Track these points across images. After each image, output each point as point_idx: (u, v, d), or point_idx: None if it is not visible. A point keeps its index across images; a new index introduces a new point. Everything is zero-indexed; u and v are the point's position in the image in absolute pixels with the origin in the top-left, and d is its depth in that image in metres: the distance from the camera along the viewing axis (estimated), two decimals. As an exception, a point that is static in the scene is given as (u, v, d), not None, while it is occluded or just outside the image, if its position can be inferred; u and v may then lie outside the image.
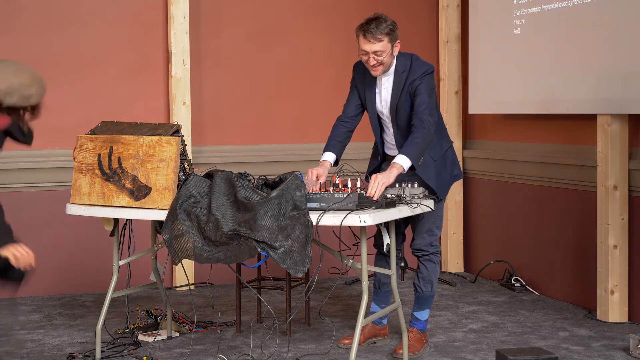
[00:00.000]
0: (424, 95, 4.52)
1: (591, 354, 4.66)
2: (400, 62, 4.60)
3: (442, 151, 4.71)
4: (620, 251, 5.27)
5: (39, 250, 6.15)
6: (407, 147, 4.43)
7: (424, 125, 4.46)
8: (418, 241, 4.74)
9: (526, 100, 5.95)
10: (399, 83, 4.58)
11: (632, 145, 5.27)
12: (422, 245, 4.73)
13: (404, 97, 4.58)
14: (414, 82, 4.55)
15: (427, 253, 4.74)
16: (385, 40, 4.46)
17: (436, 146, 4.67)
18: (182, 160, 4.49)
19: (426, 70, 4.57)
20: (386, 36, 4.46)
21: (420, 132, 4.45)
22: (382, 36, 4.45)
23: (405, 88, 4.56)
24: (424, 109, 4.50)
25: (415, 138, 4.44)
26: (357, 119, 4.77)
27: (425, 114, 4.48)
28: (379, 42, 4.46)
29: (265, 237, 4.07)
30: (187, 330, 5.12)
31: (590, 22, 5.33)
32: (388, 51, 4.49)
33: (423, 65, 4.59)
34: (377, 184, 4.23)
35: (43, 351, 4.81)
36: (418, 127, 4.46)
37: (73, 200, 4.62)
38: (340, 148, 4.72)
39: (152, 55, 6.37)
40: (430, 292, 4.76)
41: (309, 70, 6.67)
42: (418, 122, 4.47)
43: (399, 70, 4.58)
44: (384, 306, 4.80)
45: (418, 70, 4.57)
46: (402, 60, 4.60)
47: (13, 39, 6.12)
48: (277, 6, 6.64)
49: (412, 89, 4.55)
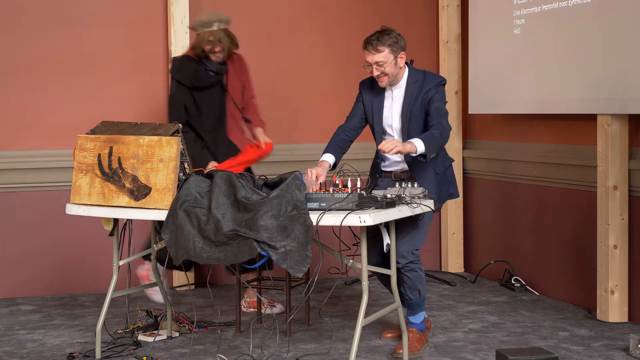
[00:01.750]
0: (440, 103, 4.66)
1: (591, 354, 4.66)
2: (412, 75, 4.73)
3: (445, 167, 4.81)
4: (620, 251, 5.27)
5: (39, 250, 6.20)
6: (425, 136, 4.51)
7: (444, 125, 4.56)
8: (399, 247, 4.64)
9: (526, 100, 5.95)
10: (412, 92, 4.69)
11: (632, 145, 5.27)
12: (404, 251, 4.63)
13: (418, 106, 4.69)
14: (430, 91, 4.67)
15: (407, 260, 4.66)
16: (386, 51, 4.59)
17: (439, 161, 4.76)
18: (182, 160, 4.50)
19: (440, 81, 4.72)
20: (387, 47, 4.59)
21: (439, 129, 4.54)
22: (383, 47, 4.59)
23: (420, 97, 4.68)
24: (443, 114, 4.62)
25: (434, 132, 4.53)
26: (357, 132, 4.88)
27: (444, 119, 4.60)
28: (380, 53, 4.59)
29: (265, 237, 4.07)
30: (187, 330, 5.12)
31: (590, 22, 5.33)
32: (390, 62, 4.61)
33: (436, 76, 4.75)
34: (392, 144, 4.32)
35: (43, 351, 4.81)
36: (437, 126, 4.56)
37: (73, 200, 4.62)
38: (340, 153, 4.79)
39: (152, 55, 6.37)
40: (419, 297, 4.75)
41: (308, 70, 6.67)
42: (437, 124, 4.57)
43: (412, 81, 4.72)
44: None
45: (432, 81, 4.71)
46: (414, 73, 4.75)
47: (13, 39, 6.13)
48: (277, 6, 6.64)
49: (427, 97, 4.67)
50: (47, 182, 6.16)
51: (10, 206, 6.14)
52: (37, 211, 6.16)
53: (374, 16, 6.63)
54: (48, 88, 6.23)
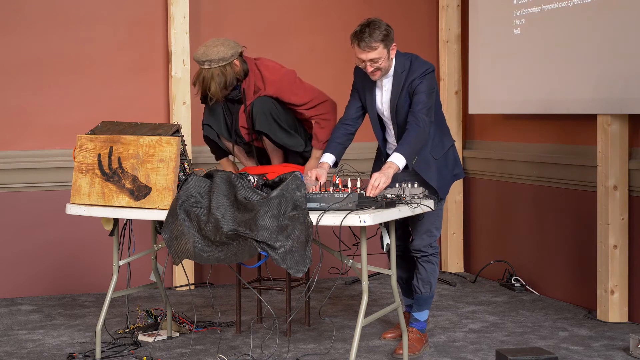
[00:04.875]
0: (422, 95, 4.53)
1: (591, 354, 4.66)
2: (400, 63, 4.61)
3: (444, 150, 4.71)
4: (620, 251, 5.27)
5: (39, 250, 6.20)
6: (401, 146, 4.45)
7: (419, 124, 4.47)
8: (417, 242, 4.75)
9: (526, 100, 5.95)
10: (399, 83, 4.59)
11: (632, 145, 5.27)
12: (421, 246, 4.73)
13: (404, 97, 4.58)
14: (414, 82, 4.56)
15: (426, 254, 4.74)
16: (380, 47, 4.48)
17: (438, 145, 4.68)
18: (182, 160, 4.50)
19: (426, 70, 4.57)
20: (380, 43, 4.48)
21: (415, 130, 4.46)
22: (377, 44, 4.47)
23: (405, 88, 4.57)
24: (421, 108, 4.50)
25: (409, 137, 4.46)
26: (358, 122, 4.79)
27: (421, 113, 4.49)
28: (374, 50, 4.48)
29: (265, 237, 4.07)
30: (187, 330, 5.12)
31: (590, 22, 5.33)
32: (384, 57, 4.52)
33: (423, 64, 4.60)
34: (377, 183, 4.26)
35: (43, 351, 4.81)
36: (413, 125, 4.47)
37: (73, 200, 4.62)
38: (340, 150, 4.73)
39: (152, 55, 6.37)
40: (429, 292, 4.77)
41: (308, 71, 6.65)
42: (413, 120, 4.48)
43: (398, 71, 4.60)
44: None
45: (418, 70, 4.57)
46: (401, 60, 4.61)
47: (13, 39, 6.13)
48: (277, 6, 6.64)
49: (411, 88, 4.56)
50: (47, 182, 6.16)
51: (10, 206, 6.14)
52: (37, 211, 6.16)
53: (374, 16, 6.61)
54: (48, 88, 6.23)
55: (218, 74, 4.85)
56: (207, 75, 4.86)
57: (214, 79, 4.86)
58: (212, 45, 4.88)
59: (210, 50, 4.85)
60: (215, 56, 4.82)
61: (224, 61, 4.84)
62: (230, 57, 4.87)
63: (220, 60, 4.83)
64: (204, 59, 4.84)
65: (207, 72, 4.86)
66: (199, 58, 4.86)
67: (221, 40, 4.91)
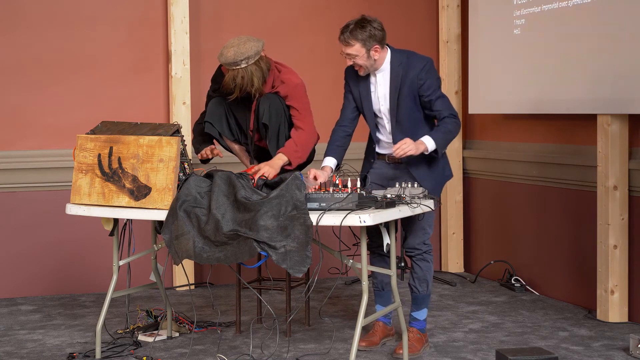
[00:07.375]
0: (439, 92, 4.61)
1: (591, 354, 4.66)
2: (396, 57, 4.64)
3: None
4: (620, 251, 5.27)
5: (39, 250, 6.20)
6: (436, 133, 4.53)
7: (456, 118, 4.58)
8: (411, 240, 4.74)
9: (526, 100, 5.95)
10: (397, 76, 4.60)
11: (632, 145, 5.27)
12: (416, 244, 4.73)
13: (406, 91, 4.59)
14: (420, 79, 4.57)
15: (420, 252, 4.74)
16: (357, 45, 4.52)
17: None
18: (182, 160, 4.50)
19: (426, 64, 4.61)
20: (358, 42, 4.52)
21: (453, 122, 4.56)
22: (354, 41, 4.52)
23: (407, 82, 4.58)
24: (448, 105, 4.60)
25: (447, 125, 4.55)
26: (354, 123, 4.81)
27: (452, 109, 4.59)
28: (351, 47, 4.53)
29: (265, 237, 4.07)
30: (187, 330, 5.12)
31: (590, 22, 5.34)
32: (362, 55, 4.54)
33: (421, 59, 4.64)
34: (406, 146, 4.35)
35: (43, 351, 4.81)
36: (450, 118, 4.56)
37: (73, 200, 4.62)
38: (341, 152, 4.75)
39: (152, 55, 6.37)
40: (426, 291, 4.76)
41: (308, 71, 6.66)
42: (450, 116, 4.57)
43: (395, 64, 4.61)
44: None
45: (417, 65, 4.60)
46: (397, 55, 4.64)
47: (13, 39, 6.13)
48: (277, 6, 6.64)
49: (417, 84, 4.58)
50: (47, 182, 6.16)
51: (10, 206, 6.14)
52: (37, 211, 6.16)
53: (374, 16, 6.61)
54: (48, 88, 6.23)
55: (256, 69, 4.90)
56: (246, 73, 4.88)
57: (255, 74, 4.90)
58: (239, 44, 4.90)
59: (242, 48, 4.87)
60: (251, 52, 4.87)
61: (258, 55, 4.89)
62: (261, 49, 4.93)
63: (256, 55, 4.88)
64: (241, 58, 4.86)
65: (245, 70, 4.88)
66: (234, 59, 4.85)
67: (243, 38, 4.95)
